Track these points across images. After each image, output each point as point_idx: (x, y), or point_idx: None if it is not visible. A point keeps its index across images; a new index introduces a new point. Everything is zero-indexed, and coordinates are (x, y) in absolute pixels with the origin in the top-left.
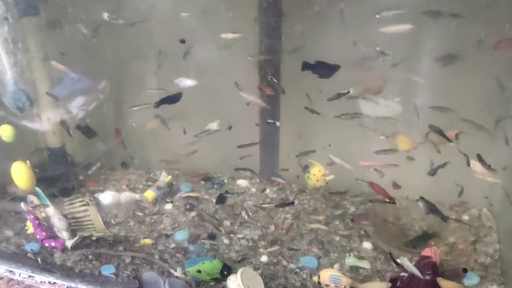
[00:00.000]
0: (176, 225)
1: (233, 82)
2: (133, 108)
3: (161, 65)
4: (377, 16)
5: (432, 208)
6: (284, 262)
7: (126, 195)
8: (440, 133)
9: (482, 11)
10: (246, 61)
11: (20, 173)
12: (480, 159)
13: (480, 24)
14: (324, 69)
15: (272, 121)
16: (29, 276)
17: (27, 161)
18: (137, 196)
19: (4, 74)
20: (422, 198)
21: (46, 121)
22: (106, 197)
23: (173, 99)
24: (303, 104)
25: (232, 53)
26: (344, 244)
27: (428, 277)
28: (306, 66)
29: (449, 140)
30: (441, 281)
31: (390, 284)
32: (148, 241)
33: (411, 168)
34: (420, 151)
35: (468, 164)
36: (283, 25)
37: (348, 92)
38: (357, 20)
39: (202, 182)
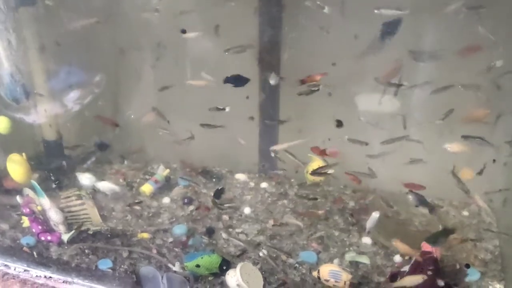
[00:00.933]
0: (174, 219)
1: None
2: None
3: (159, 58)
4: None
5: (421, 200)
6: (283, 257)
7: (104, 185)
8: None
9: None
10: (245, 54)
11: (16, 166)
12: (466, 136)
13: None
14: (239, 81)
15: (221, 108)
16: (25, 270)
17: (23, 154)
18: (116, 188)
19: (0, 65)
20: (411, 191)
21: (42, 113)
22: (84, 179)
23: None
24: (302, 98)
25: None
26: (344, 239)
27: (430, 273)
28: (226, 80)
29: (401, 85)
30: (397, 243)
31: (425, 277)
32: (145, 235)
33: (413, 167)
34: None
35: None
36: (284, 16)
37: (318, 89)
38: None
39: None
